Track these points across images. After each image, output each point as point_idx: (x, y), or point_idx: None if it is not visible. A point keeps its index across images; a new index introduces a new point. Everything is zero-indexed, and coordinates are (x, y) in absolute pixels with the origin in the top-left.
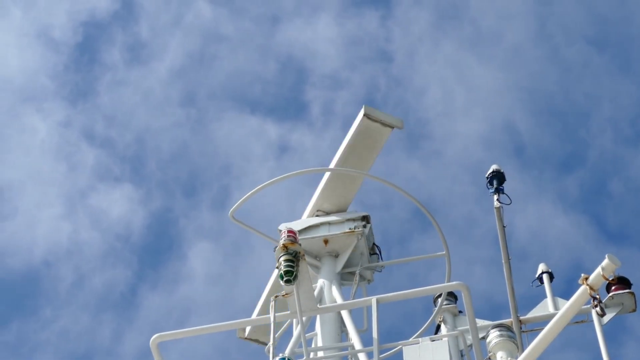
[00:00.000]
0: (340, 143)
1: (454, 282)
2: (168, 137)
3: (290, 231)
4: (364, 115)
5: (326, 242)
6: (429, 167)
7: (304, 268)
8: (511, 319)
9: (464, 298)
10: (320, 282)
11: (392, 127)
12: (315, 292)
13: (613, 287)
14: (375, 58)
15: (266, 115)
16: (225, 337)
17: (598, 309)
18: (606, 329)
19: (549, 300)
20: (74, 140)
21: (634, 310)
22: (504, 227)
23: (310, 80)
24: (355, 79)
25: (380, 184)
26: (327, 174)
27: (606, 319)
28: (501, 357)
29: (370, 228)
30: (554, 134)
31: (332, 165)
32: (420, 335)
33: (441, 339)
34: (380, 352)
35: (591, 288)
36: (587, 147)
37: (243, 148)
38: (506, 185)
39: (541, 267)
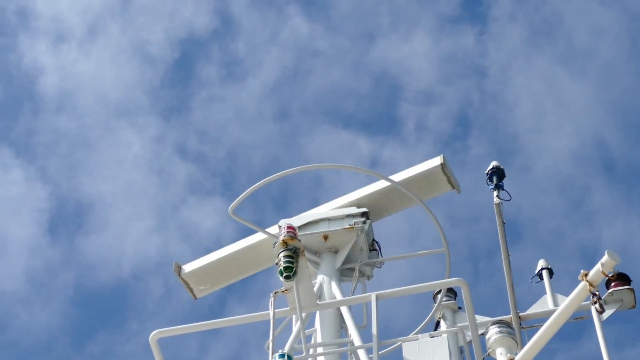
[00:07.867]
0: (432, 158)
1: (453, 279)
2: (260, 152)
3: (289, 227)
4: (441, 164)
5: (326, 238)
6: (518, 181)
7: (304, 264)
8: (510, 315)
9: (463, 294)
10: (320, 278)
11: (453, 188)
12: (315, 288)
13: (612, 284)
14: (469, 73)
15: (359, 130)
16: None
17: (597, 305)
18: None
19: (548, 296)
20: (167, 155)
21: (634, 307)
22: (503, 223)
23: (403, 96)
24: (449, 94)
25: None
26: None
27: (605, 315)
28: (500, 354)
29: (370, 224)
30: None
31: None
32: (419, 332)
33: (440, 336)
34: (380, 348)
35: (591, 284)
36: None
37: (334, 162)
38: (594, 200)
39: (541, 263)
